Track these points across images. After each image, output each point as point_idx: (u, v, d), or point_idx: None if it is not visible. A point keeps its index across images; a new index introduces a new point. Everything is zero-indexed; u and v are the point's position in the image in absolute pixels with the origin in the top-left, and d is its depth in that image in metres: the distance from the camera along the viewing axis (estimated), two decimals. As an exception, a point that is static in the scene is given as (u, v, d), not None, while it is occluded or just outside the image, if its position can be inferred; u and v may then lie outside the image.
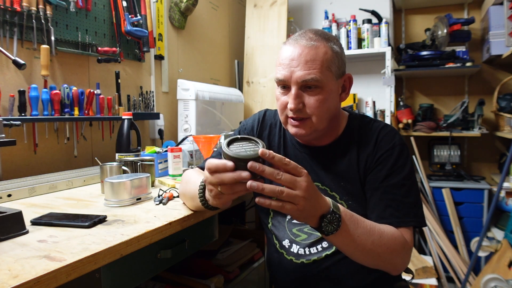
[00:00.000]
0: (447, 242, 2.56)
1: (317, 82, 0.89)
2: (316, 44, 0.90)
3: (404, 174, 0.92)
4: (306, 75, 0.89)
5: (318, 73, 0.89)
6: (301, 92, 0.91)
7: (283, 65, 0.91)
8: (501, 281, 1.94)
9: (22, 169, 1.32)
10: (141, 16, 1.77)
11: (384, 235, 0.83)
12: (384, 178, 0.92)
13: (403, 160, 0.94)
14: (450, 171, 2.77)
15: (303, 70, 0.89)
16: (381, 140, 0.96)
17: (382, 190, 0.92)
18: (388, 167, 0.93)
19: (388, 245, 0.83)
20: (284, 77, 0.91)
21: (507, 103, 2.58)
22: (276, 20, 2.62)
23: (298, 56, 0.90)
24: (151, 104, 1.87)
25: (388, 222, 0.88)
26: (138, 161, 1.31)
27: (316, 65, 0.89)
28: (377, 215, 0.91)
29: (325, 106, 0.92)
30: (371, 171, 0.94)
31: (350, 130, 1.01)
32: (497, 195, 2.16)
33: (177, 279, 1.33)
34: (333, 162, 0.99)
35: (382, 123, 1.01)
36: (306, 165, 1.00)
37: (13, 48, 1.29)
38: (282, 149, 1.06)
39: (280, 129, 1.08)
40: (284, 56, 0.92)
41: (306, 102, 0.91)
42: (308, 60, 0.89)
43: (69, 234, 0.80)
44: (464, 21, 2.75)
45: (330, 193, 0.98)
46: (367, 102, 2.80)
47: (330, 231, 0.76)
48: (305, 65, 0.89)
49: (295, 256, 0.99)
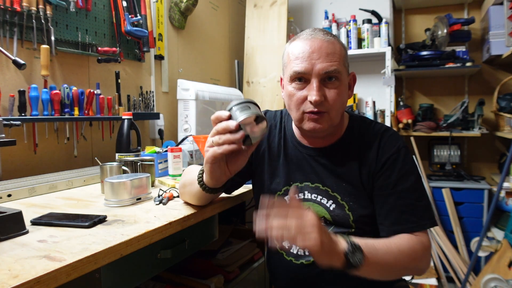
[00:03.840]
0: (447, 242, 2.56)
1: (338, 74, 0.90)
2: (332, 39, 0.93)
3: (414, 177, 0.93)
4: (328, 66, 0.89)
5: (339, 65, 0.90)
6: (322, 85, 0.91)
7: (302, 58, 0.91)
8: (501, 281, 1.94)
9: (22, 169, 1.32)
10: (141, 16, 1.77)
11: (402, 247, 0.84)
12: (395, 183, 0.92)
13: (410, 162, 0.94)
14: (450, 171, 2.77)
15: (325, 62, 0.89)
16: (384, 143, 0.95)
17: (396, 196, 0.91)
18: (396, 171, 0.92)
19: (409, 254, 0.84)
20: (305, 69, 0.90)
21: (507, 103, 2.58)
22: (276, 20, 2.62)
23: (318, 49, 0.90)
24: (151, 104, 1.87)
25: (405, 228, 0.89)
26: (138, 161, 1.31)
27: (336, 58, 0.90)
28: (392, 221, 0.90)
29: (342, 100, 0.93)
30: (380, 177, 0.94)
31: (351, 131, 1.01)
32: (497, 195, 2.16)
33: (177, 279, 1.33)
34: (334, 163, 0.98)
35: (383, 126, 1.00)
36: (307, 166, 1.01)
37: (13, 48, 1.29)
38: (282, 150, 1.05)
39: (280, 130, 1.08)
40: (301, 50, 0.91)
41: (327, 95, 0.91)
42: (329, 53, 0.90)
43: (69, 234, 0.80)
44: (464, 21, 2.75)
45: (332, 193, 0.97)
46: (367, 102, 2.80)
47: (358, 261, 0.76)
48: (326, 57, 0.89)
49: (294, 257, 0.99)
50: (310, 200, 0.99)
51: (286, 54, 0.97)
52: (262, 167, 1.07)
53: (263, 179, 1.07)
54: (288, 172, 1.03)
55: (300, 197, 1.01)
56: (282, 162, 1.04)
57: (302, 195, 1.00)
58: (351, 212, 0.95)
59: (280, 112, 1.12)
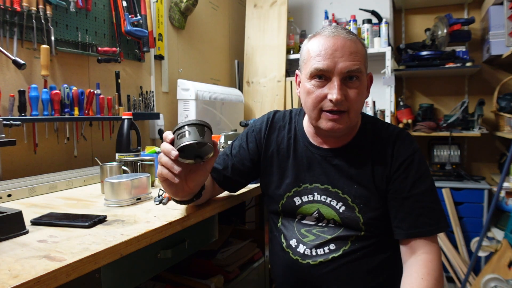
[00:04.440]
0: (447, 242, 2.56)
1: (360, 74, 0.90)
2: (355, 38, 0.92)
3: (430, 180, 0.93)
4: (352, 65, 0.88)
5: (361, 65, 0.90)
6: (343, 84, 0.90)
7: (324, 56, 0.89)
8: (501, 281, 1.94)
9: (22, 169, 1.32)
10: (141, 16, 1.77)
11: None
12: (411, 186, 0.92)
13: (425, 165, 0.94)
14: (450, 171, 2.77)
15: (348, 60, 0.88)
16: (399, 146, 0.95)
17: (413, 199, 0.91)
18: (412, 174, 0.92)
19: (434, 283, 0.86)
20: (327, 67, 0.88)
21: (507, 103, 2.58)
22: (276, 20, 2.62)
23: (341, 47, 0.89)
24: (151, 104, 1.87)
25: (423, 231, 0.90)
26: (138, 161, 1.31)
27: (359, 57, 0.90)
28: (410, 224, 0.91)
29: (362, 101, 0.93)
30: (395, 180, 0.93)
31: (364, 132, 1.00)
32: (497, 195, 2.16)
33: (177, 279, 1.33)
34: (346, 164, 0.97)
35: (397, 128, 1.00)
36: (317, 167, 0.99)
37: (13, 48, 1.29)
38: (292, 151, 1.03)
39: (289, 131, 1.06)
40: (323, 47, 0.90)
41: (348, 95, 0.90)
42: (352, 52, 0.89)
43: (69, 234, 0.80)
44: (464, 21, 2.75)
45: (342, 195, 0.96)
46: (367, 102, 2.79)
47: None
48: (349, 56, 0.88)
49: (301, 257, 0.98)
50: (320, 202, 0.98)
51: (305, 50, 0.95)
52: (271, 168, 1.06)
53: (272, 179, 1.06)
54: (297, 173, 1.02)
55: (309, 198, 1.00)
56: (291, 162, 1.03)
57: (311, 197, 0.99)
58: (361, 214, 0.94)
59: (290, 112, 1.11)
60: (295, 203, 1.01)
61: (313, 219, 1.00)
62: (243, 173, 1.08)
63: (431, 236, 0.90)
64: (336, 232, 0.96)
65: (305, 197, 1.00)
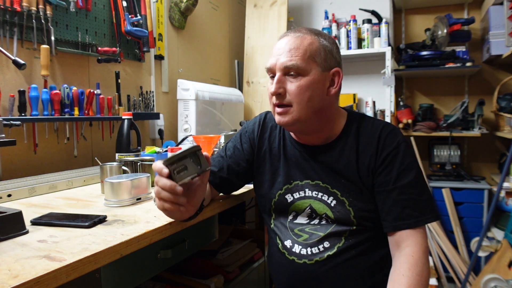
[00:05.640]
0: (447, 242, 2.56)
1: (298, 69, 0.92)
2: (303, 35, 0.94)
3: (415, 171, 0.93)
4: (287, 61, 0.92)
5: (299, 60, 0.91)
6: (284, 78, 0.94)
7: (272, 55, 0.96)
8: (501, 281, 1.94)
9: (22, 169, 1.32)
10: (141, 16, 1.77)
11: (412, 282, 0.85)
12: (396, 178, 0.92)
13: (410, 157, 0.95)
14: (450, 171, 2.77)
15: (286, 57, 0.92)
16: (384, 139, 0.96)
17: (397, 191, 0.92)
18: (397, 166, 0.93)
19: (419, 280, 0.86)
20: (271, 64, 0.95)
21: (507, 103, 2.58)
22: (276, 20, 2.62)
23: (284, 45, 0.94)
24: (151, 104, 1.87)
25: (408, 223, 0.90)
26: (138, 161, 1.31)
27: (299, 53, 0.92)
28: (395, 216, 0.91)
29: (306, 95, 0.92)
30: (380, 173, 0.94)
31: (349, 128, 1.01)
32: (497, 195, 2.16)
33: (177, 279, 1.33)
34: (332, 160, 0.99)
35: (382, 122, 1.00)
36: (305, 164, 1.01)
37: (13, 48, 1.29)
38: (282, 150, 1.06)
39: (280, 131, 1.09)
40: (274, 48, 0.97)
41: (288, 88, 0.93)
42: (292, 48, 0.93)
43: (69, 234, 0.80)
44: (464, 21, 2.75)
45: (331, 190, 0.98)
46: (367, 102, 2.80)
47: None
48: (288, 52, 0.93)
49: (297, 256, 0.99)
50: (311, 198, 1.00)
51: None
52: (263, 168, 1.08)
53: (264, 179, 1.07)
54: (288, 171, 1.03)
55: (301, 195, 1.01)
56: (282, 162, 1.05)
57: (303, 193, 1.01)
58: (351, 207, 0.95)
59: None
60: (287, 200, 1.02)
61: (306, 216, 1.01)
62: (239, 173, 1.09)
63: (417, 228, 0.90)
64: (329, 229, 0.97)
65: (297, 194, 1.02)
